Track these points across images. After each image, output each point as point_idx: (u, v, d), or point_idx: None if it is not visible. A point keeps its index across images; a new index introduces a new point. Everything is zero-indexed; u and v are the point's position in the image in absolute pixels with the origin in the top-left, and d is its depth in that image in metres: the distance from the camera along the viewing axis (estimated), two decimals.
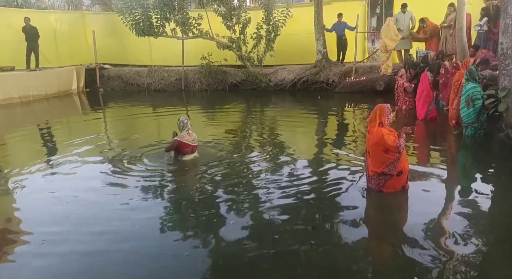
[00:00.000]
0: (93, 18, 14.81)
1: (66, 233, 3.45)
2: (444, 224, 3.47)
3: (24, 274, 2.94)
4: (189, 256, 3.05)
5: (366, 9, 12.52)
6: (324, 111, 9.26)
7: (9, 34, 11.97)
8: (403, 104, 8.21)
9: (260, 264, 2.95)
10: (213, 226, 3.54)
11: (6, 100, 10.62)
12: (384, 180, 3.94)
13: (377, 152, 3.90)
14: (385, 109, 3.89)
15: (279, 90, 11.90)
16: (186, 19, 11.66)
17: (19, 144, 6.91)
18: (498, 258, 2.99)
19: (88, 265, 2.97)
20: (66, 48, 13.45)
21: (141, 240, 3.31)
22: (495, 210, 3.82)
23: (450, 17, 9.55)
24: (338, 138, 6.63)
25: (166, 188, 4.48)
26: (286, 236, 3.35)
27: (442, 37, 9.96)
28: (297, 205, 3.89)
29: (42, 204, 4.11)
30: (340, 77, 11.46)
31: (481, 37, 9.13)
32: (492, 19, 8.84)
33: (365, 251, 3.15)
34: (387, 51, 10.32)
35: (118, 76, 13.50)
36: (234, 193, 4.25)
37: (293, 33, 12.09)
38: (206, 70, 12.33)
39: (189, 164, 5.13)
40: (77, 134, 7.82)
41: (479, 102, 5.85)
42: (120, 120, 9.21)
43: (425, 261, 2.87)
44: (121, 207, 3.93)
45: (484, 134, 6.01)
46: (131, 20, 11.59)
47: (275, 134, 7.06)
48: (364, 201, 3.99)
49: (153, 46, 13.23)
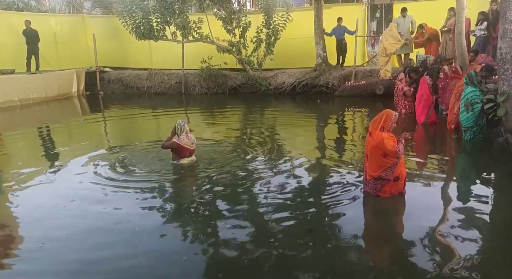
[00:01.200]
0: (94, 21, 14.87)
1: (65, 237, 3.44)
2: (442, 228, 3.45)
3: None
4: (187, 260, 3.04)
5: (366, 13, 12.56)
6: (323, 115, 9.26)
7: (10, 37, 12.01)
8: (403, 108, 8.21)
9: (259, 267, 2.94)
10: (212, 230, 3.53)
11: (6, 103, 10.63)
12: (381, 185, 3.93)
13: (375, 156, 3.89)
14: (392, 117, 3.87)
15: (279, 94, 11.92)
16: (186, 22, 11.71)
17: (18, 146, 6.91)
18: (498, 263, 2.97)
19: (86, 271, 2.95)
20: (66, 51, 13.48)
21: (140, 245, 3.29)
22: (494, 214, 3.81)
23: (450, 22, 9.58)
24: (337, 142, 6.63)
25: (164, 192, 4.46)
26: (284, 238, 3.34)
27: (442, 42, 9.97)
28: (295, 207, 3.89)
29: (40, 208, 4.09)
30: (339, 81, 11.48)
31: (480, 42, 9.15)
32: (491, 24, 8.86)
33: (362, 255, 3.13)
34: (387, 55, 10.33)
35: (118, 79, 13.53)
36: (232, 196, 4.23)
37: (293, 37, 12.13)
38: (206, 73, 12.36)
39: (186, 168, 5.13)
40: (76, 137, 7.83)
41: (478, 106, 5.85)
42: (119, 123, 9.21)
43: (422, 265, 2.86)
44: (118, 212, 3.92)
45: (483, 139, 6.00)
46: (132, 24, 11.64)
47: (274, 137, 7.05)
48: (361, 205, 3.97)
49: (153, 50, 13.28)
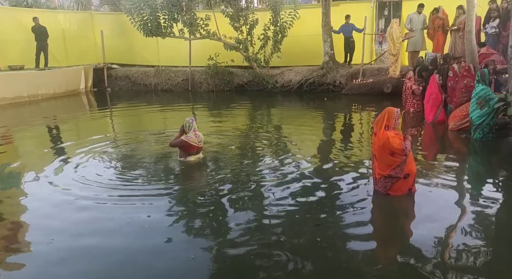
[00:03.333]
0: (102, 18, 14.92)
1: (74, 233, 3.47)
2: (450, 229, 3.42)
3: (32, 275, 2.95)
4: (195, 258, 3.04)
5: (374, 11, 12.45)
6: (330, 113, 9.22)
7: (19, 34, 12.09)
8: (411, 107, 8.15)
9: (265, 265, 2.93)
10: (219, 227, 3.53)
11: (16, 99, 10.74)
12: (391, 183, 3.91)
13: (383, 155, 3.87)
14: (394, 114, 3.84)
15: (286, 92, 11.89)
16: (193, 19, 11.71)
17: (27, 142, 6.97)
18: (507, 264, 2.94)
19: (94, 266, 2.98)
20: (74, 48, 13.55)
21: (149, 240, 3.31)
22: (503, 215, 3.77)
23: (459, 20, 9.47)
24: (344, 140, 6.60)
25: (170, 189, 4.47)
26: (291, 235, 3.33)
27: (452, 40, 9.87)
28: (302, 205, 3.88)
29: (47, 203, 4.13)
30: (347, 79, 11.42)
31: (490, 40, 9.03)
32: (501, 21, 8.75)
33: (370, 253, 3.11)
34: (395, 54, 10.26)
35: (126, 76, 13.59)
36: (239, 194, 4.23)
37: (300, 35, 12.06)
38: (213, 71, 12.36)
39: (193, 165, 5.14)
40: (84, 133, 7.89)
41: (494, 101, 5.78)
42: (126, 120, 9.25)
43: (430, 266, 2.84)
44: (127, 210, 3.92)
45: (492, 139, 5.94)
46: (139, 21, 11.65)
47: (281, 136, 7.04)
48: (370, 203, 3.95)
49: (160, 47, 13.29)
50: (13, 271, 2.98)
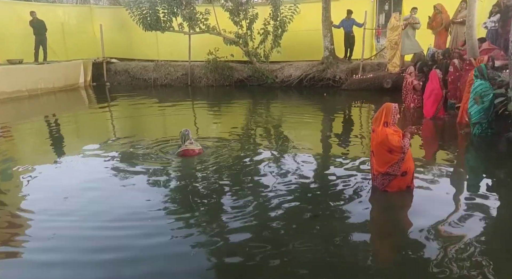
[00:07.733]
0: (101, 12, 14.84)
1: (74, 226, 3.48)
2: (449, 224, 3.41)
3: (33, 269, 2.96)
4: (195, 255, 3.04)
5: (375, 5, 12.38)
6: (330, 109, 9.19)
7: (18, 28, 12.03)
8: (411, 103, 8.12)
9: (265, 263, 2.94)
10: (219, 221, 3.53)
11: (15, 93, 10.70)
12: (388, 180, 3.91)
13: (381, 152, 3.86)
14: (392, 109, 3.80)
15: (285, 87, 11.85)
16: (193, 14, 11.64)
17: (26, 136, 6.96)
18: (505, 261, 2.95)
19: (95, 262, 2.98)
20: (73, 42, 13.50)
21: (151, 237, 3.31)
22: (502, 211, 3.76)
23: (461, 14, 9.40)
24: (344, 136, 6.59)
25: (171, 185, 4.46)
26: (290, 231, 3.34)
27: (453, 34, 9.81)
28: (301, 201, 3.88)
29: (49, 198, 4.12)
30: (347, 74, 11.37)
31: (490, 35, 8.97)
32: (502, 17, 8.69)
33: (368, 249, 3.12)
34: (393, 48, 10.21)
35: (125, 70, 13.54)
36: (238, 190, 4.23)
37: (300, 30, 12.01)
38: (212, 65, 12.31)
39: (193, 161, 5.14)
40: (83, 128, 7.87)
41: (488, 98, 5.77)
42: (126, 114, 9.23)
43: (428, 260, 2.84)
44: (127, 205, 3.93)
45: (492, 134, 5.93)
46: (139, 15, 11.60)
47: (281, 131, 7.03)
48: (368, 199, 3.95)
49: (160, 41, 13.23)
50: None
